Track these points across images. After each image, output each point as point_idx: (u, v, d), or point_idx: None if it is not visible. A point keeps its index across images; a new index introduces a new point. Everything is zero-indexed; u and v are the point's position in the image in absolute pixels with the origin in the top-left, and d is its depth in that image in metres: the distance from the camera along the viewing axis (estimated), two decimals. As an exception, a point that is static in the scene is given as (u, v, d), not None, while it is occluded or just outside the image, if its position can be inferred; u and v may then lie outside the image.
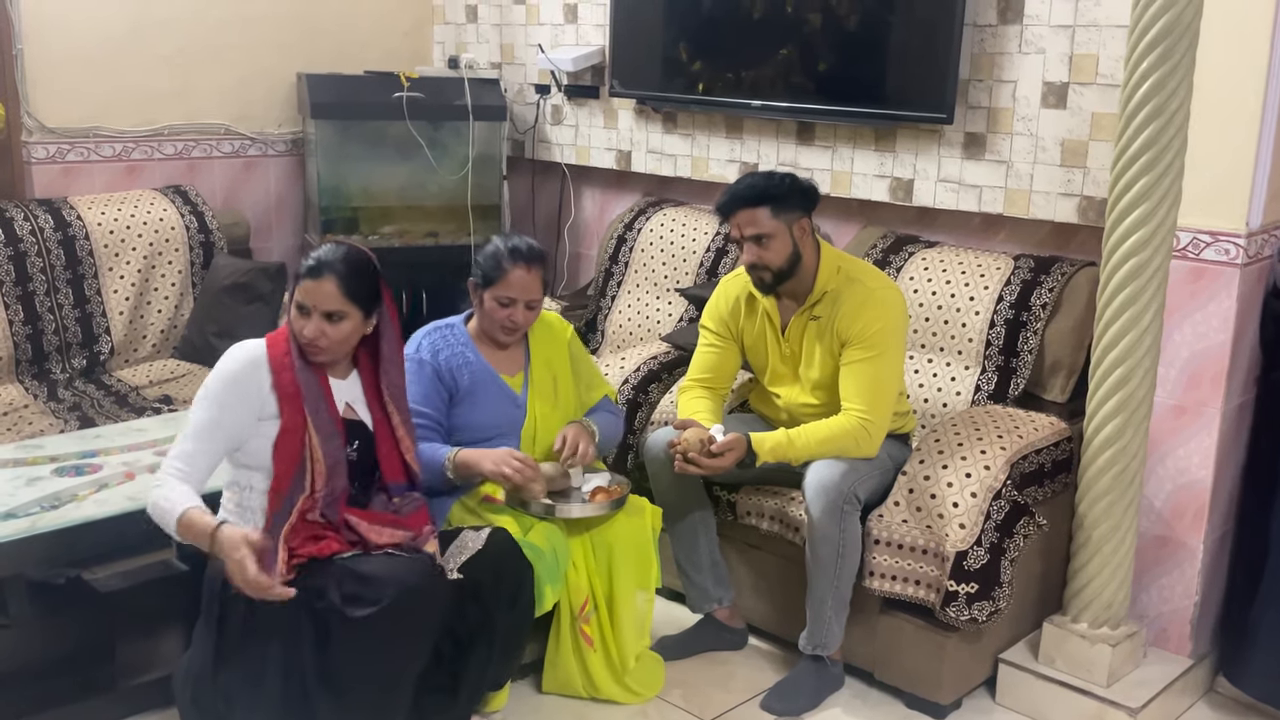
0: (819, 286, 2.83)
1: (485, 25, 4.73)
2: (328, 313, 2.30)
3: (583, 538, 2.73)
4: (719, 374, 3.00)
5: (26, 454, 2.81)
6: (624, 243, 4.11)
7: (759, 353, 2.98)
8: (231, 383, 2.29)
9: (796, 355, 2.90)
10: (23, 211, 3.77)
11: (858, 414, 2.75)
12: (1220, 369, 2.82)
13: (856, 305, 2.78)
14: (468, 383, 2.73)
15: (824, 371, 2.85)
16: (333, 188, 4.43)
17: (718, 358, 3.00)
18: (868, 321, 2.77)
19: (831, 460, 2.77)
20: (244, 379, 2.29)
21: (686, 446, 2.71)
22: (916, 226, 3.58)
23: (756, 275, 2.84)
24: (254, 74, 4.41)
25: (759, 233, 2.77)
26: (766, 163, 3.84)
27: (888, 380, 2.79)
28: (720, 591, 3.04)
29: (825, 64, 3.55)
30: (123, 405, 3.50)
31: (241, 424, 2.29)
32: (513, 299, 2.70)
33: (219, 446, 2.30)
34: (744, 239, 2.79)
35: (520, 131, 4.64)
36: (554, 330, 2.90)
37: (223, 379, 2.29)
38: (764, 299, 2.90)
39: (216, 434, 2.28)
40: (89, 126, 4.08)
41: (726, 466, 2.71)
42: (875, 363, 2.76)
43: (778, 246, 2.78)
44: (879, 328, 2.77)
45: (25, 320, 3.69)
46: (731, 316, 2.98)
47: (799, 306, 2.88)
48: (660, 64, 4.01)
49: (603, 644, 2.75)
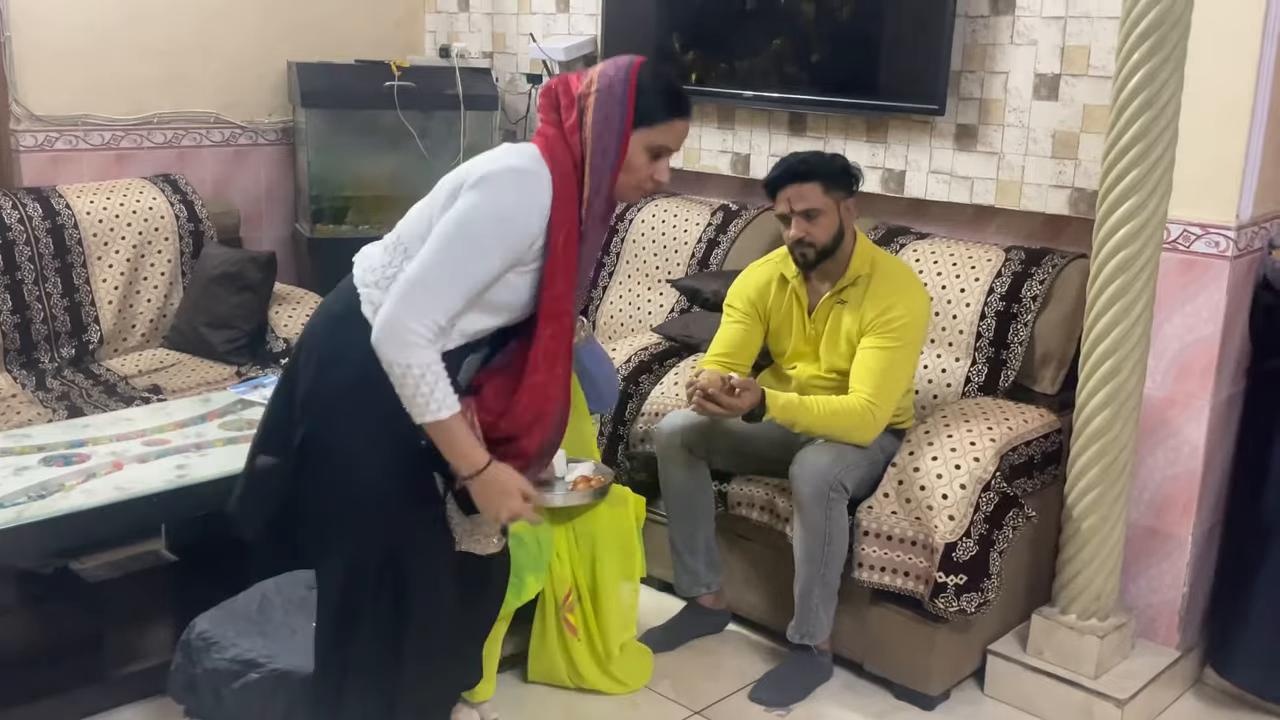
0: (852, 270, 2.87)
1: (477, 14, 4.72)
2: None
3: (565, 527, 2.73)
4: (741, 351, 3.00)
5: (14, 443, 2.80)
6: (615, 233, 4.10)
7: (783, 334, 2.99)
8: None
9: (819, 336, 2.93)
10: (11, 200, 3.75)
11: (865, 397, 2.76)
12: (1210, 361, 2.82)
13: (885, 294, 2.82)
14: None
15: (844, 354, 2.88)
16: (323, 177, 4.42)
17: (743, 335, 3.00)
18: (894, 313, 2.80)
19: (821, 446, 2.79)
20: None
21: (708, 381, 2.71)
22: (908, 218, 3.58)
23: (800, 251, 2.85)
24: (244, 63, 4.39)
25: (810, 207, 2.79)
26: (758, 154, 3.84)
27: (900, 373, 2.81)
28: (711, 577, 3.05)
29: (817, 55, 3.54)
30: (111, 395, 3.49)
31: None
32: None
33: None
34: (793, 213, 2.81)
35: (512, 121, 4.62)
36: None
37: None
38: (794, 279, 2.93)
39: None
40: (78, 115, 4.06)
41: (743, 407, 2.72)
42: (892, 353, 2.79)
43: (825, 223, 2.81)
44: (904, 321, 2.80)
45: (13, 309, 3.67)
46: (760, 297, 2.99)
47: (829, 288, 2.90)
48: (653, 54, 3.98)
49: (586, 633, 2.76)
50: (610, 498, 2.79)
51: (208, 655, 2.39)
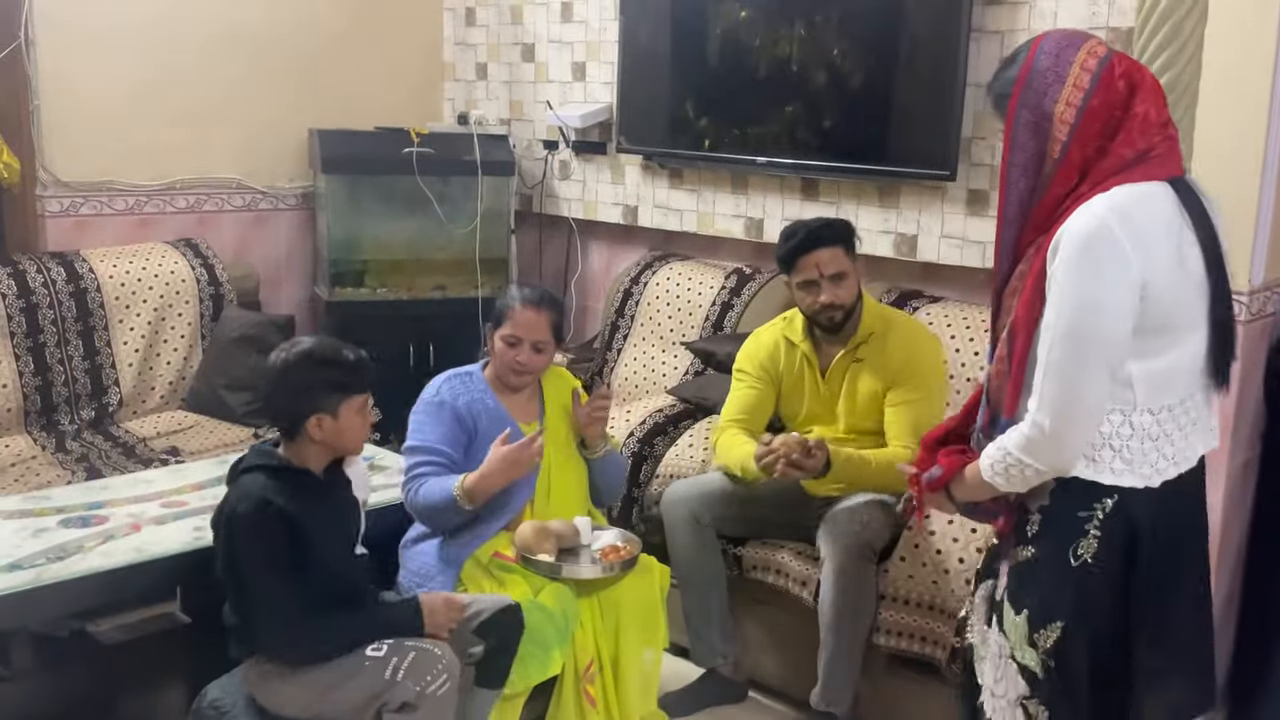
0: (865, 328, 2.91)
1: (495, 82, 4.80)
2: None
3: (591, 599, 2.67)
4: (755, 415, 3.02)
5: (33, 505, 2.82)
6: (630, 296, 4.13)
7: (794, 397, 3.01)
8: None
9: (835, 397, 2.95)
10: (36, 264, 3.81)
11: (907, 446, 2.77)
12: (1225, 426, 2.81)
13: (904, 346, 2.86)
14: (485, 427, 2.73)
15: (863, 411, 2.90)
16: (343, 241, 4.47)
17: (756, 398, 3.01)
18: (917, 362, 2.85)
19: (847, 509, 2.80)
20: None
21: (790, 448, 2.70)
22: (920, 281, 3.60)
23: (829, 315, 2.88)
24: (265, 129, 4.47)
25: (839, 271, 2.84)
26: (771, 218, 3.87)
27: (934, 419, 2.81)
28: (727, 647, 3.03)
29: (829, 121, 3.59)
30: (130, 456, 3.51)
31: None
32: (519, 339, 2.72)
33: None
34: (824, 278, 2.85)
35: (528, 186, 4.68)
36: (564, 378, 2.93)
37: None
38: (802, 343, 2.96)
39: None
40: (102, 180, 4.13)
41: (819, 466, 2.74)
42: (922, 404, 2.84)
43: (850, 285, 2.87)
44: (928, 368, 2.86)
45: (35, 372, 3.71)
46: (770, 361, 3.01)
47: (841, 348, 2.93)
48: (667, 121, 4.06)
49: (605, 706, 2.70)
50: (636, 567, 2.75)
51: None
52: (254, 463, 2.29)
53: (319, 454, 2.32)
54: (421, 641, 2.29)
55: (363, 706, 2.24)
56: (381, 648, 2.24)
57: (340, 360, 2.30)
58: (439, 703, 2.24)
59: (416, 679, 2.22)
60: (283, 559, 2.20)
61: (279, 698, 2.29)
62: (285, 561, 2.20)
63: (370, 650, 2.24)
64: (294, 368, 2.27)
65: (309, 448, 2.30)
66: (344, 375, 2.29)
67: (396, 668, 2.22)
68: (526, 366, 2.74)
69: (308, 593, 2.22)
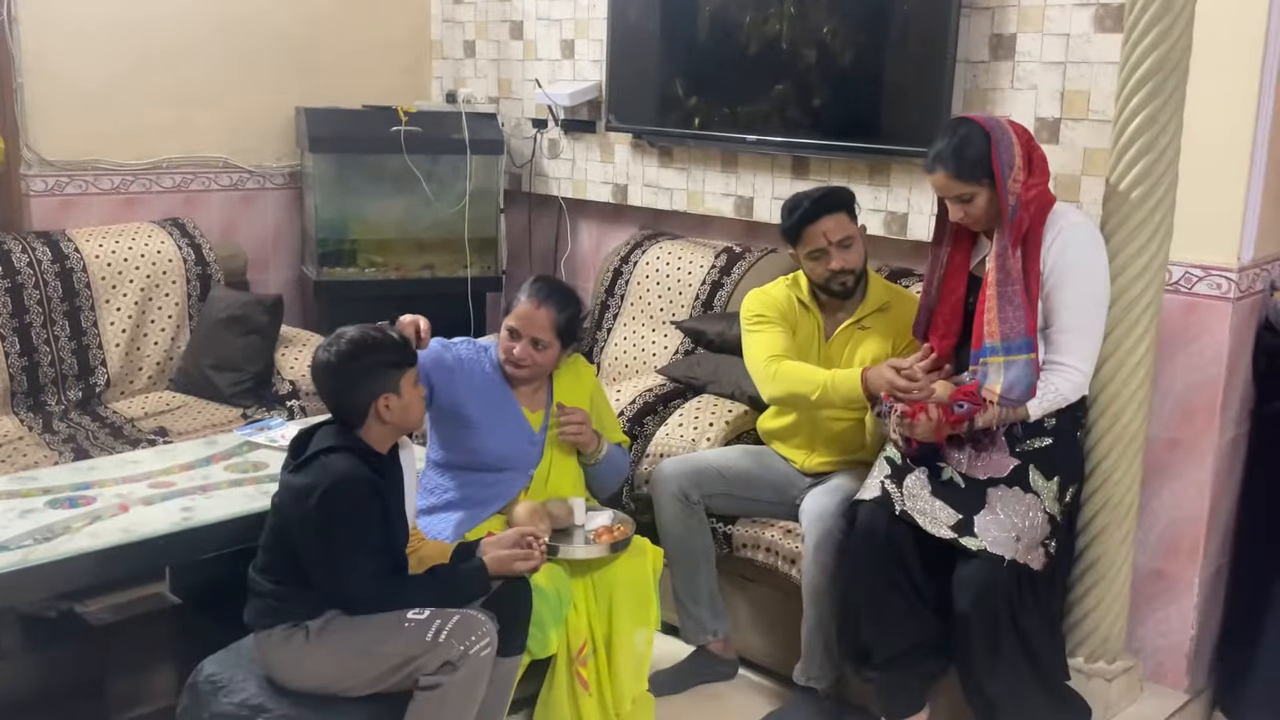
0: (873, 298, 2.95)
1: (483, 60, 4.77)
2: None
3: (585, 579, 2.67)
4: (791, 349, 2.94)
5: (20, 486, 2.80)
6: (620, 276, 4.12)
7: (801, 354, 2.98)
8: None
9: (834, 361, 2.94)
10: (20, 244, 3.79)
11: None
12: (1214, 403, 2.83)
13: (915, 310, 2.84)
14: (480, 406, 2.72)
15: None
16: (330, 221, 4.45)
17: (786, 337, 2.96)
18: None
19: (829, 488, 2.81)
20: None
21: (941, 396, 2.54)
22: (911, 260, 3.60)
23: (840, 280, 2.90)
24: (252, 108, 4.44)
25: (846, 236, 2.86)
26: (761, 197, 3.86)
27: None
28: (716, 624, 3.04)
29: (820, 99, 3.58)
30: (118, 437, 3.49)
31: None
32: (515, 330, 2.71)
33: None
34: (832, 245, 2.86)
35: (517, 165, 4.66)
36: (580, 375, 2.91)
37: None
38: (813, 305, 2.98)
39: None
40: (88, 159, 4.10)
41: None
42: None
43: (859, 249, 2.90)
44: None
45: (21, 352, 3.69)
46: (788, 309, 3.01)
47: (848, 317, 2.95)
48: (656, 99, 4.04)
49: (598, 688, 2.69)
50: (630, 548, 2.74)
51: (215, 699, 2.37)
52: (337, 444, 2.32)
53: (384, 436, 2.39)
54: None
55: (395, 669, 2.25)
56: (423, 611, 2.28)
57: (387, 340, 2.39)
58: (481, 663, 2.26)
59: (461, 638, 2.24)
60: (378, 526, 2.29)
61: (299, 669, 2.29)
62: (379, 529, 2.30)
63: (412, 613, 2.27)
64: (348, 359, 2.33)
65: (375, 430, 2.36)
66: (397, 353, 2.38)
67: (440, 629, 2.24)
68: (521, 360, 2.72)
69: (391, 559, 2.34)
